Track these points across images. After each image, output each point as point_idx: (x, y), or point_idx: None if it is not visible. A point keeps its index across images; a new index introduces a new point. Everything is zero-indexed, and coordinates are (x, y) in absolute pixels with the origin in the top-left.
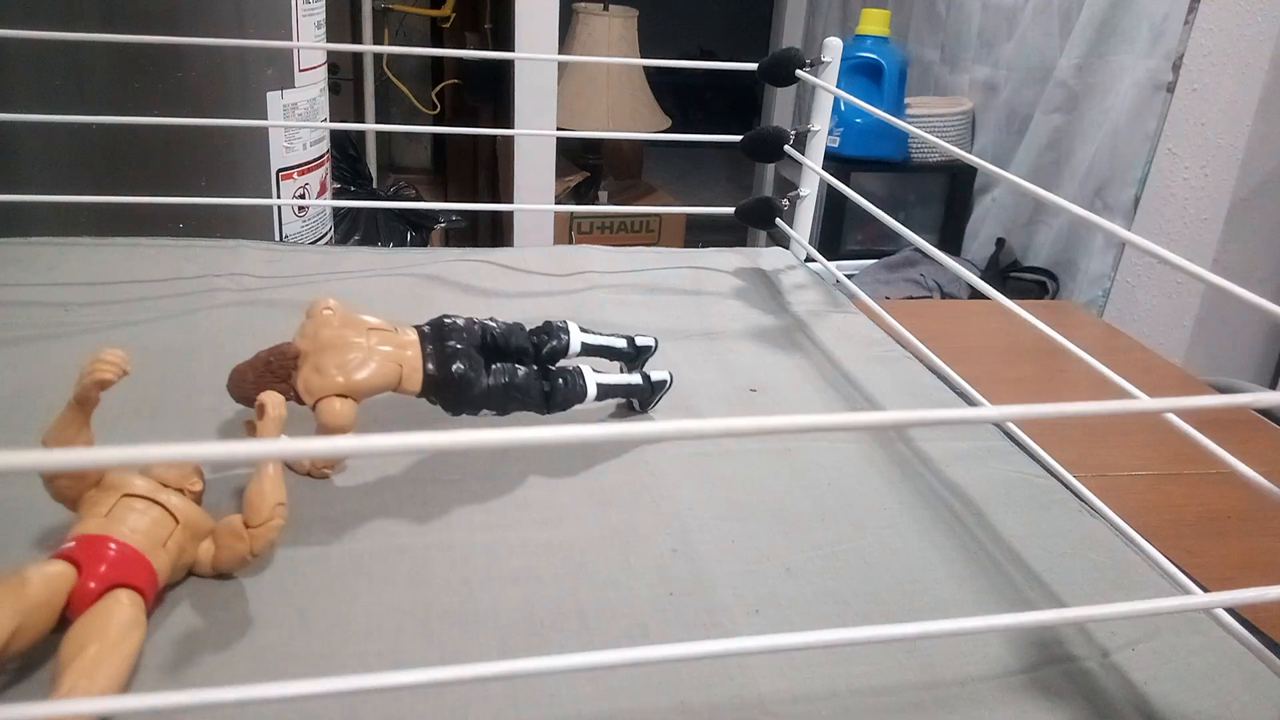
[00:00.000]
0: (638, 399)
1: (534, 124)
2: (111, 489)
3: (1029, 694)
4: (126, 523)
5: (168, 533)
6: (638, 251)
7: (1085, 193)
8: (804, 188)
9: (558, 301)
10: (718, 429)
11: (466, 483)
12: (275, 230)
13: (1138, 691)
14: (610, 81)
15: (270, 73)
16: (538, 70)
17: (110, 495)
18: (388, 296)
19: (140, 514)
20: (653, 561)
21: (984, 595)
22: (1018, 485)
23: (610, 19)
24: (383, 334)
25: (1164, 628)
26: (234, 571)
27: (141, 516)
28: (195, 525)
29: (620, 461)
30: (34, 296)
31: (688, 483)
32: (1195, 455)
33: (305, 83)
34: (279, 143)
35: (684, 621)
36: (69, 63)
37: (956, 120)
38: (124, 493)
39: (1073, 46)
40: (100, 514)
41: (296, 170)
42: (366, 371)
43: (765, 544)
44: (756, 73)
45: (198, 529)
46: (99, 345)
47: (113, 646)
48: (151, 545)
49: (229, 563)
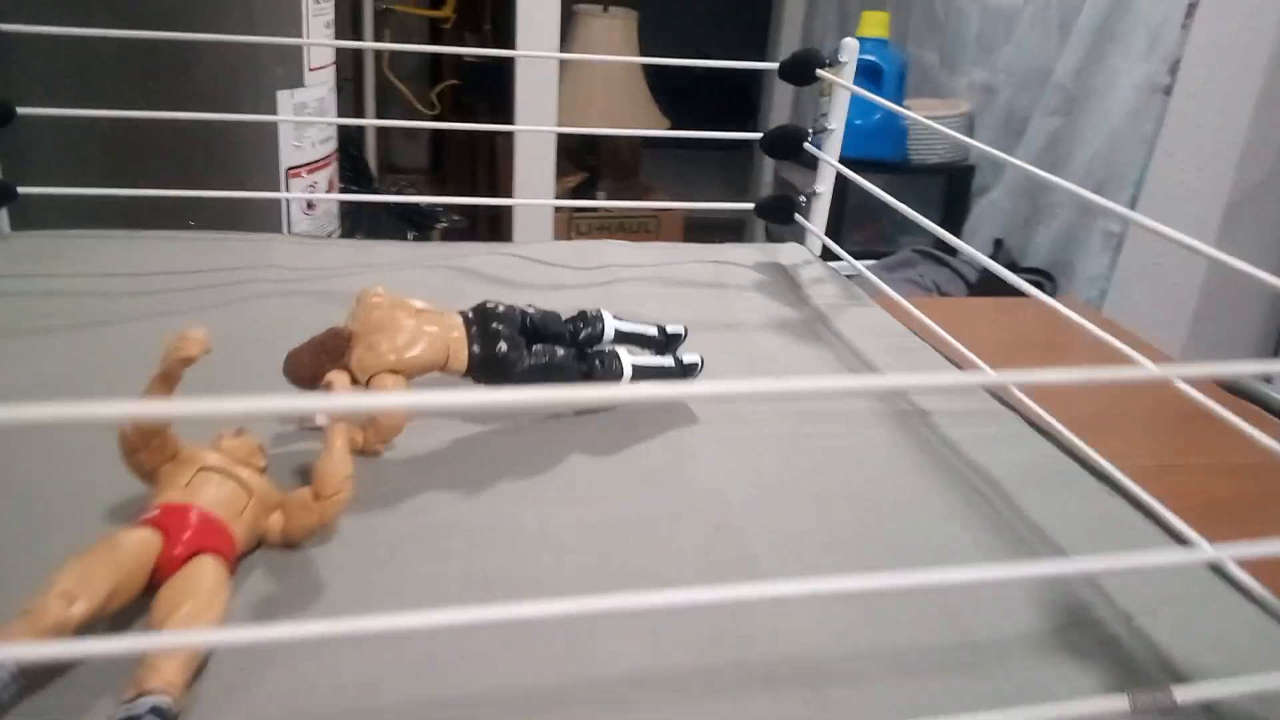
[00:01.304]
0: (670, 381)
1: (535, 123)
2: (187, 463)
3: (1060, 654)
4: (205, 494)
5: (242, 504)
6: (657, 246)
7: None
8: (819, 185)
9: (584, 293)
10: (745, 390)
11: (512, 463)
12: (284, 228)
13: (1161, 652)
14: (610, 83)
15: (281, 72)
16: (539, 70)
17: (186, 469)
18: (421, 288)
19: (217, 486)
20: (697, 536)
21: (1013, 559)
22: (1039, 467)
23: (610, 20)
24: (430, 316)
25: (1183, 595)
26: (302, 542)
27: (218, 488)
28: (266, 497)
29: (657, 443)
30: (73, 287)
31: (723, 464)
32: (1200, 446)
33: (314, 82)
34: (288, 141)
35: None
36: (81, 61)
37: (954, 123)
38: (199, 466)
39: (1071, 50)
40: (180, 485)
41: (305, 169)
42: (417, 350)
43: (801, 521)
44: (778, 71)
45: (268, 501)
46: (172, 329)
47: (204, 605)
48: (229, 515)
49: (298, 533)
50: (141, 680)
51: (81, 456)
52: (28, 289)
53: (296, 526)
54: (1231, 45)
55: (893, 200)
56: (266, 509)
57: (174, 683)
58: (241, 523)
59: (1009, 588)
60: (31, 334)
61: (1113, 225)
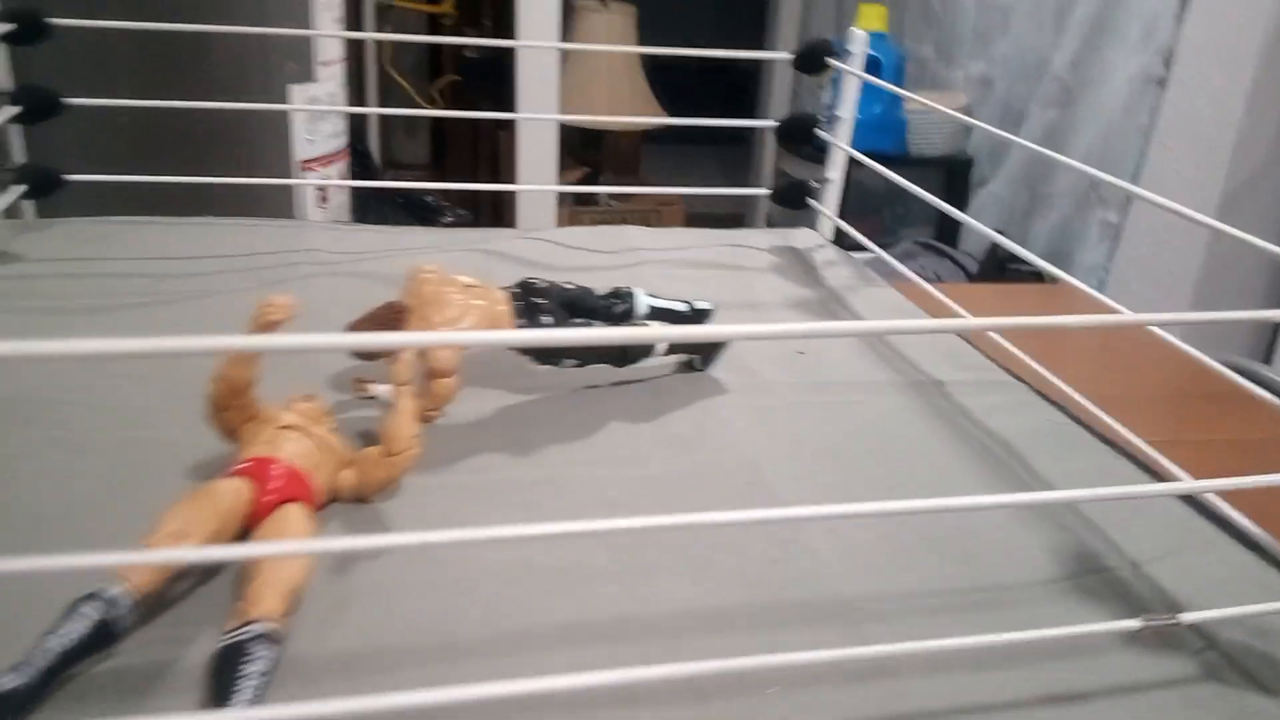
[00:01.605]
0: (701, 354)
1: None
2: (267, 422)
3: (1074, 595)
4: (287, 448)
5: (320, 459)
6: (675, 231)
7: (1081, 185)
8: (830, 171)
9: (611, 275)
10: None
11: (556, 429)
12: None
13: (1167, 595)
14: (611, 77)
15: (292, 67)
16: (540, 63)
17: (266, 427)
18: (453, 270)
19: (295, 442)
20: (734, 492)
21: (1027, 516)
22: (1047, 431)
23: (610, 15)
24: (478, 291)
25: (1185, 545)
26: (372, 497)
27: (297, 444)
28: (339, 455)
29: (691, 410)
30: (123, 269)
31: (750, 430)
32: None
33: (325, 77)
34: (301, 136)
35: (770, 538)
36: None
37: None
38: (278, 425)
39: (1066, 42)
40: (263, 441)
41: (317, 162)
42: (467, 323)
43: (830, 480)
44: (793, 61)
45: (342, 458)
46: (255, 300)
47: (299, 540)
48: (309, 468)
49: (369, 488)
50: (244, 612)
51: (162, 419)
52: (80, 271)
53: (368, 481)
54: (1225, 37)
55: (904, 182)
56: (340, 465)
57: (275, 611)
58: (320, 476)
59: (1025, 538)
60: (88, 312)
61: (1111, 216)
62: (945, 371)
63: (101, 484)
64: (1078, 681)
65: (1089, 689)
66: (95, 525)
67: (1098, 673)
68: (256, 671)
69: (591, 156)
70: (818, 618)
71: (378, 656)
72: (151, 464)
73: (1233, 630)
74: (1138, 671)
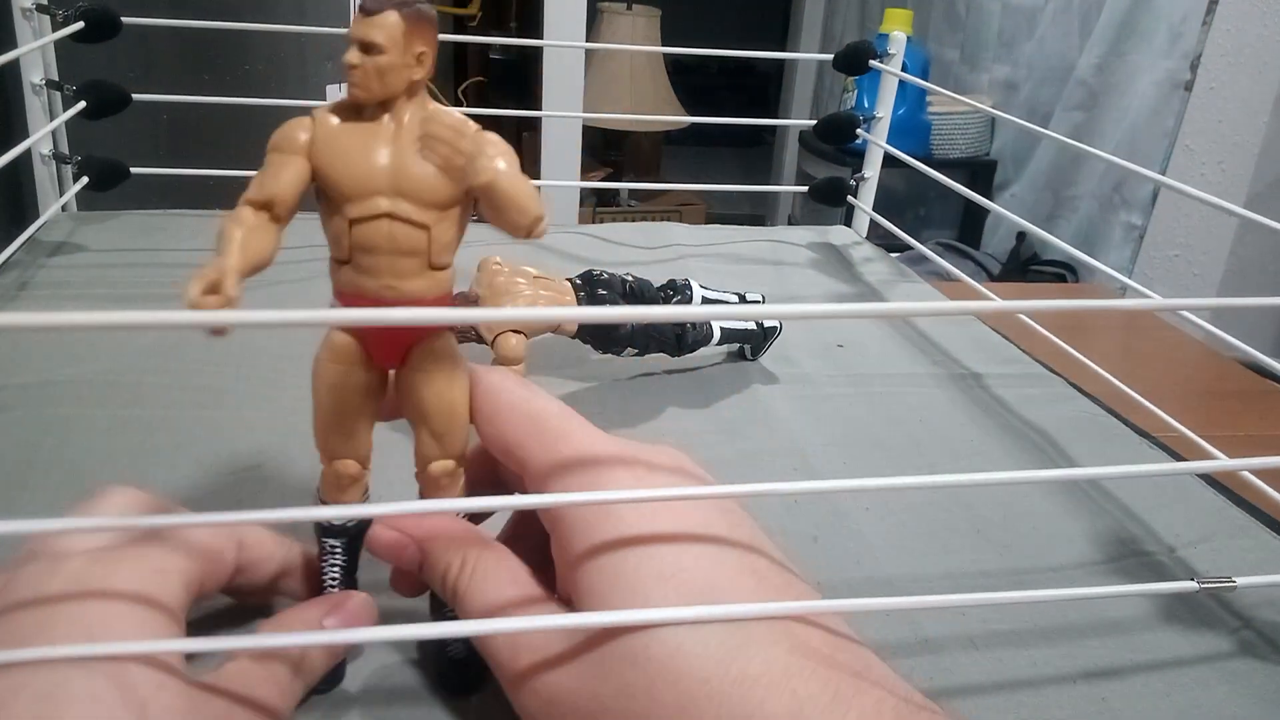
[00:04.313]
0: (751, 344)
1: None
2: None
3: (1115, 577)
4: None
5: None
6: (715, 228)
7: (1104, 188)
8: (867, 169)
9: (657, 269)
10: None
11: (613, 413)
12: None
13: (1201, 576)
14: (635, 79)
15: (329, 67)
16: (565, 64)
17: None
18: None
19: None
20: (781, 476)
21: (1067, 502)
22: (1084, 422)
23: (634, 17)
24: (544, 282)
25: (1219, 531)
26: None
27: None
28: None
29: (738, 398)
30: (187, 260)
31: (796, 419)
32: (1227, 420)
33: None
34: None
35: (812, 518)
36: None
37: (976, 118)
38: None
39: (1092, 46)
40: None
41: None
42: None
43: (872, 466)
44: (833, 62)
45: None
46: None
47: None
48: None
49: None
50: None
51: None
52: (146, 261)
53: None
54: (1252, 41)
55: (944, 178)
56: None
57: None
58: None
59: (1064, 524)
60: (158, 300)
61: (1134, 218)
62: (983, 365)
63: (176, 459)
64: (1116, 658)
65: (1127, 664)
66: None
67: (1136, 649)
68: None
69: (613, 157)
70: (860, 595)
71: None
72: (225, 440)
73: (1268, 611)
74: (1176, 648)
